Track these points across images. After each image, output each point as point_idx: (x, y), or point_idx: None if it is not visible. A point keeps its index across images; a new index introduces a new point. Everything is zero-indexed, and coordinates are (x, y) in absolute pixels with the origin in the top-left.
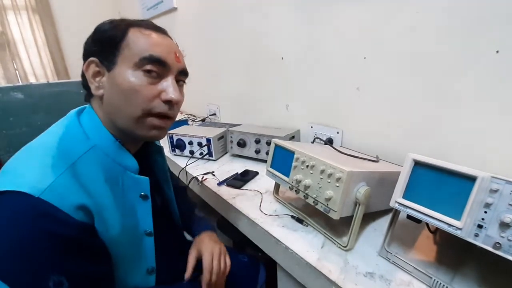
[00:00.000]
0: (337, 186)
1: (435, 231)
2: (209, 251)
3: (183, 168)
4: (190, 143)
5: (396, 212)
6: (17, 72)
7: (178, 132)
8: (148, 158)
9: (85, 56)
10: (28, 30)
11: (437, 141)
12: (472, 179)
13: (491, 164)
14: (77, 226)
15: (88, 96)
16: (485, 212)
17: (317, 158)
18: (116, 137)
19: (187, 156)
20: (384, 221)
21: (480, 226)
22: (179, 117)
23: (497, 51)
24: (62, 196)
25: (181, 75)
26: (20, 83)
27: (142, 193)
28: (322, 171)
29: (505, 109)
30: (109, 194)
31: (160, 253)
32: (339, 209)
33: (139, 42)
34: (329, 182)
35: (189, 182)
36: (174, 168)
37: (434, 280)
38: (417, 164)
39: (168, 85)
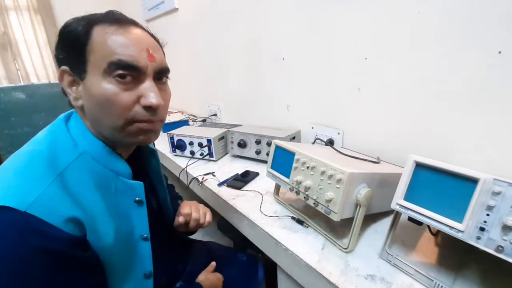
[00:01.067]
0: (338, 188)
1: (437, 233)
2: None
3: (183, 169)
4: (191, 143)
5: (397, 214)
6: (19, 72)
7: (178, 132)
8: (142, 161)
9: (57, 64)
10: (30, 30)
11: (439, 142)
12: (474, 181)
13: (493, 166)
14: (68, 240)
15: (71, 105)
16: (487, 214)
17: (317, 159)
18: (106, 143)
19: (187, 157)
20: (385, 223)
21: (482, 229)
22: (179, 117)
23: (500, 52)
24: (51, 209)
25: (161, 73)
26: (22, 83)
27: (137, 199)
28: (323, 172)
29: (507, 110)
30: (100, 202)
31: (157, 256)
32: (339, 210)
33: (104, 45)
34: (330, 184)
35: (190, 183)
36: (175, 169)
37: (436, 282)
38: (419, 165)
39: (145, 89)
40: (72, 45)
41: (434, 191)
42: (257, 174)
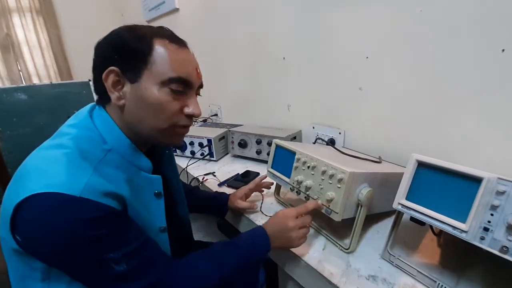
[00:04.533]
0: (339, 187)
1: (439, 234)
2: None
3: (184, 169)
4: (191, 143)
5: (399, 214)
6: (21, 73)
7: None
8: (157, 156)
9: (102, 63)
10: (32, 32)
11: (441, 142)
12: (477, 180)
13: (496, 165)
14: (116, 211)
15: (102, 101)
16: (492, 214)
17: (318, 159)
18: (131, 140)
19: (188, 157)
20: (387, 223)
21: (486, 229)
22: None
23: (503, 50)
24: (99, 192)
25: (199, 88)
26: (24, 84)
27: (156, 191)
28: (324, 172)
29: (511, 108)
30: (129, 193)
31: (172, 249)
32: (340, 211)
33: (167, 60)
34: (331, 183)
35: (190, 183)
36: None
37: (439, 284)
38: (421, 165)
39: (191, 102)
40: (134, 53)
41: (437, 190)
42: (257, 174)
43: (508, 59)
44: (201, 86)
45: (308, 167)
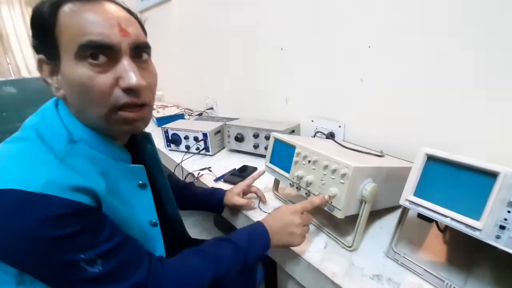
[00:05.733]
0: (342, 183)
1: (445, 230)
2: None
3: (178, 164)
4: (186, 137)
5: (405, 211)
6: (9, 66)
7: (173, 126)
8: (138, 148)
9: (36, 53)
10: (21, 23)
11: (446, 136)
12: (493, 175)
13: (503, 160)
14: (86, 207)
15: None
16: (509, 211)
17: (320, 153)
18: (96, 132)
19: (182, 151)
20: (390, 219)
21: (502, 227)
22: (175, 111)
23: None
24: (65, 187)
25: (138, 49)
26: (13, 77)
27: (140, 182)
28: (326, 167)
29: None
30: (105, 186)
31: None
32: (344, 207)
33: (71, 25)
34: (333, 179)
35: (185, 178)
36: (169, 164)
37: (447, 283)
38: (430, 159)
39: (122, 69)
40: (41, 29)
41: (447, 186)
42: (255, 168)
43: None
44: (141, 46)
45: (309, 161)
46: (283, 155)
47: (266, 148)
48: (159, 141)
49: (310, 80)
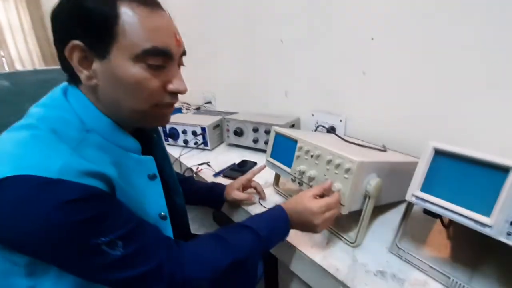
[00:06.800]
0: (346, 178)
1: (448, 226)
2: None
3: (177, 159)
4: (184, 132)
5: (410, 206)
6: (3, 59)
7: (171, 120)
8: (144, 140)
9: (62, 36)
10: (15, 15)
11: (453, 131)
12: (505, 170)
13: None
14: (101, 192)
15: (74, 80)
16: None
17: (323, 147)
18: (112, 120)
19: (181, 146)
20: (392, 214)
21: None
22: None
23: None
24: (79, 172)
25: (181, 57)
26: (7, 71)
27: (150, 173)
28: (329, 162)
29: None
30: (117, 176)
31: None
32: (348, 203)
33: (137, 28)
34: (337, 174)
35: (184, 173)
36: None
37: (453, 280)
38: (438, 153)
39: (173, 76)
40: (98, 22)
41: (456, 181)
42: (254, 163)
43: None
44: (183, 54)
45: (312, 156)
46: (284, 149)
47: (266, 143)
48: None
49: (310, 73)
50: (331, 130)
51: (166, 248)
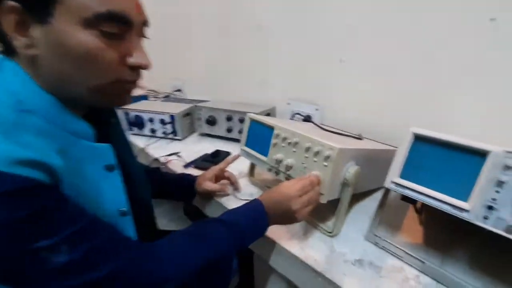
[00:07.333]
0: (325, 166)
1: (421, 211)
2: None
3: (143, 149)
4: (151, 120)
5: (387, 193)
6: None
7: (136, 107)
8: (99, 124)
9: None
10: None
11: (431, 118)
12: (483, 154)
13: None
14: (41, 183)
15: (8, 51)
16: (497, 191)
17: (301, 134)
18: (58, 99)
19: (147, 135)
20: (368, 202)
21: (490, 208)
22: (137, 92)
23: (492, 19)
24: (11, 160)
25: (143, 28)
26: None
27: (107, 164)
28: (308, 149)
29: (504, 81)
30: (64, 166)
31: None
32: (327, 191)
33: None
34: (316, 161)
35: (150, 165)
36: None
37: (427, 264)
38: (418, 139)
39: (134, 48)
40: None
41: (435, 167)
42: (228, 153)
43: (497, 28)
44: (145, 24)
45: (289, 143)
46: (260, 137)
47: (240, 132)
48: None
49: (286, 60)
50: (308, 119)
51: (123, 250)
